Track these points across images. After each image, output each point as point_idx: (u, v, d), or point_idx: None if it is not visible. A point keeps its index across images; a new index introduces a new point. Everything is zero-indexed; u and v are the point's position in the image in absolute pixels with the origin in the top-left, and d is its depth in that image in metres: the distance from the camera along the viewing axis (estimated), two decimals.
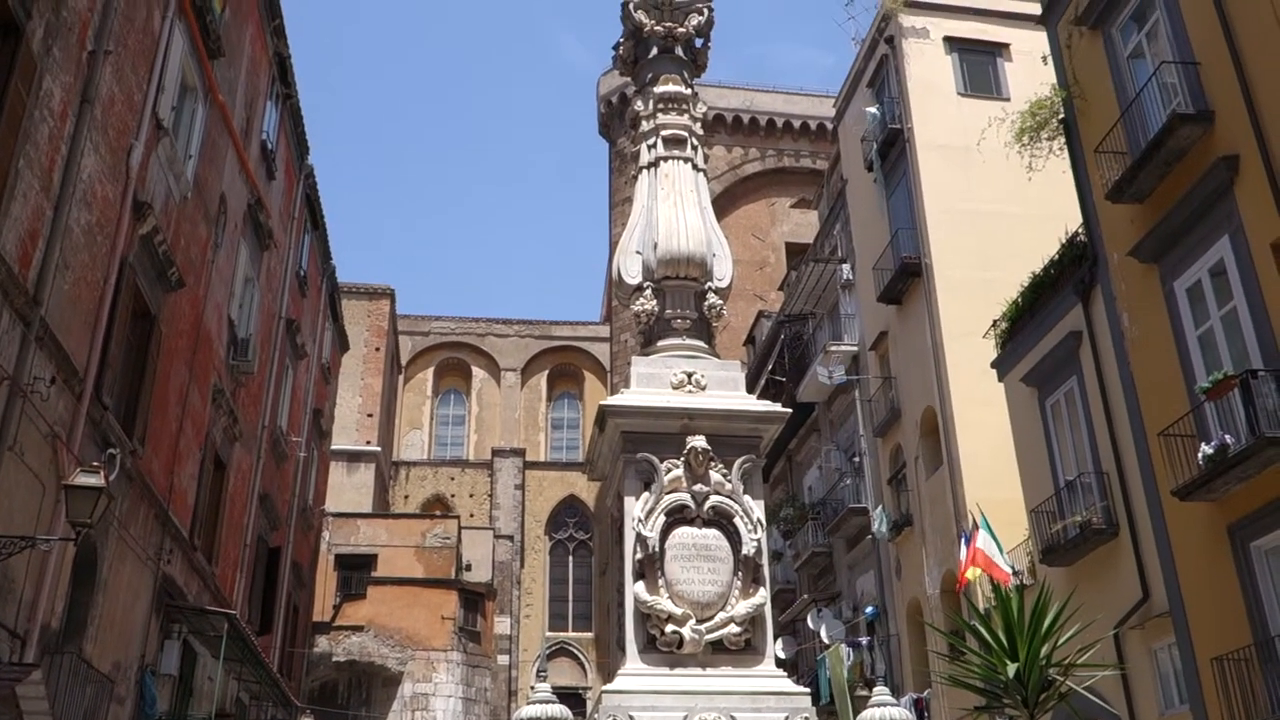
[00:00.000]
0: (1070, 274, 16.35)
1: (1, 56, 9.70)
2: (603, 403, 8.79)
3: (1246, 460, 11.54)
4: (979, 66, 24.26)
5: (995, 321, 18.48)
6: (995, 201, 21.78)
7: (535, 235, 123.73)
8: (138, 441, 13.62)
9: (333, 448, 34.34)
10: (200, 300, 16.65)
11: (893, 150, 24.04)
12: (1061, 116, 16.74)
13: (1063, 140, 16.77)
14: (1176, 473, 12.83)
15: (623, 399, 8.77)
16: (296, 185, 23.94)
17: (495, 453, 49.03)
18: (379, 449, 42.47)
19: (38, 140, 10.43)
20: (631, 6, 10.91)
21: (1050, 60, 17.51)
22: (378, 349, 43.93)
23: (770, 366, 31.65)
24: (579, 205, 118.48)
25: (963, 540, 17.06)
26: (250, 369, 19.55)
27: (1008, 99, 22.46)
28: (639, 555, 8.17)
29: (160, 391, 14.77)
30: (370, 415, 42.70)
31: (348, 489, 40.14)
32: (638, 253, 9.68)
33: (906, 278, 22.52)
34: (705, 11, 11.12)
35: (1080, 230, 16.39)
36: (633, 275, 9.59)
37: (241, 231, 19.02)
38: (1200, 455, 12.24)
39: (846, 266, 27.06)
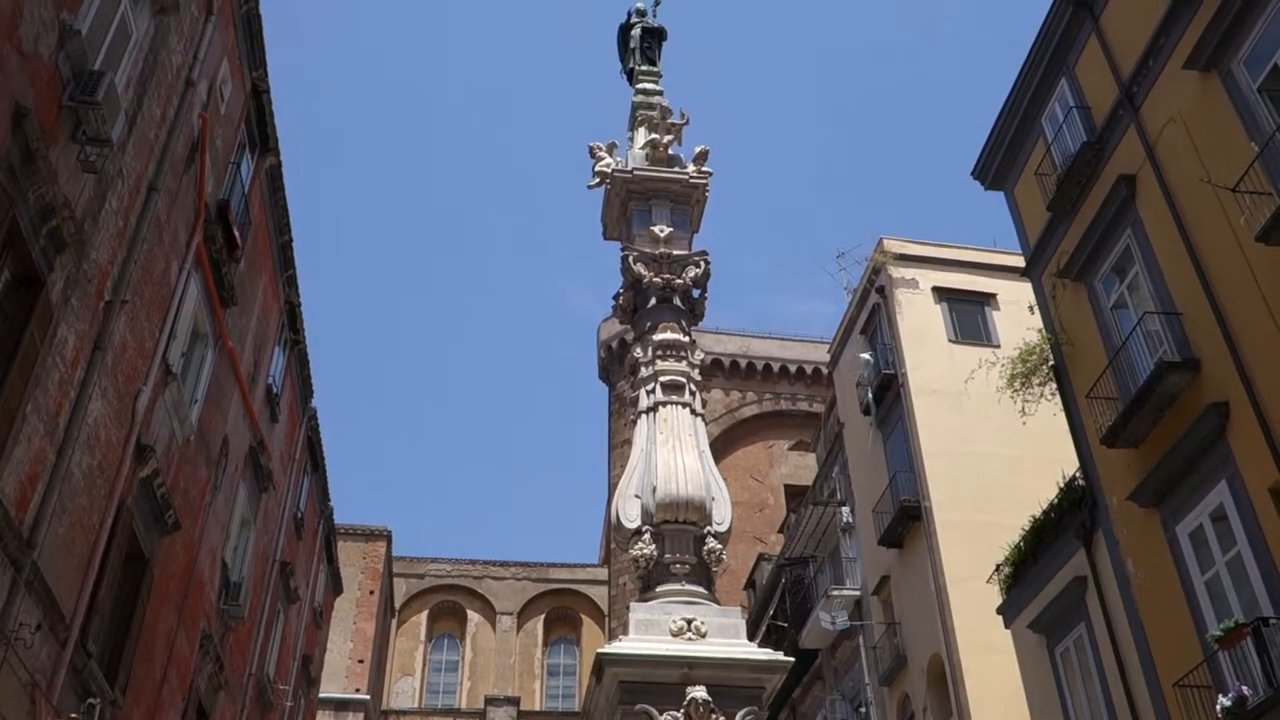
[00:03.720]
0: (1071, 518, 16.25)
1: (21, 306, 9.97)
2: (600, 651, 8.56)
3: (1266, 713, 11.11)
4: (968, 315, 25.00)
5: (998, 566, 18.22)
6: (991, 444, 21.95)
7: (534, 476, 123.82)
8: (119, 691, 13.14)
9: (320, 695, 33.07)
10: (195, 543, 16.48)
11: (888, 394, 24.41)
12: (1051, 363, 17.11)
13: (1054, 385, 17.08)
14: None
15: (620, 647, 8.54)
16: (299, 428, 24.16)
17: (489, 701, 47.17)
18: (368, 697, 40.89)
19: (47, 385, 10.59)
20: (631, 259, 11.36)
21: (1036, 309, 18.06)
22: (372, 592, 43.07)
23: (772, 611, 30.95)
24: (578, 447, 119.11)
25: None
26: (241, 614, 19.11)
27: (997, 345, 23.00)
28: None
29: (147, 638, 14.38)
30: (361, 661, 41.36)
31: None
32: (636, 496, 9.66)
33: (906, 521, 22.39)
34: (702, 264, 11.57)
35: (1078, 474, 16.42)
36: (631, 519, 9.54)
37: (241, 474, 19.04)
38: (1219, 707, 11.79)
39: (846, 509, 26.94)
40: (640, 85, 13.78)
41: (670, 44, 14.93)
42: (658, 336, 10.77)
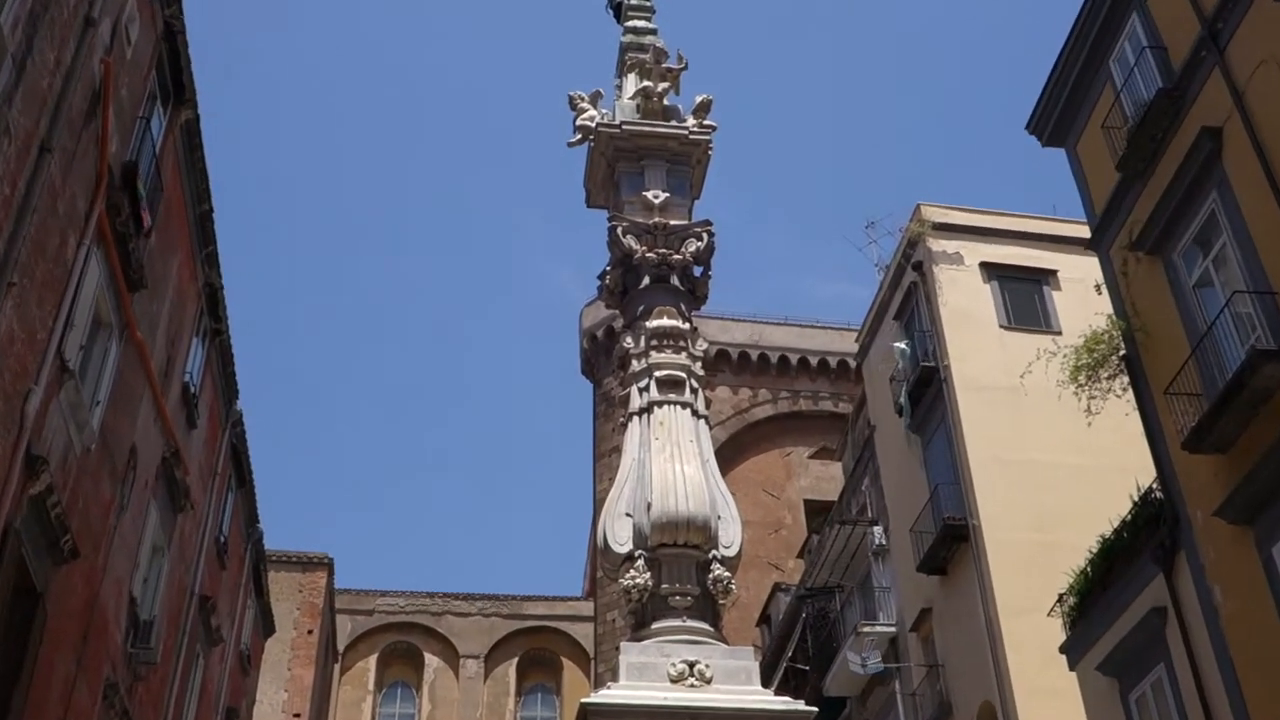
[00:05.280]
0: (1147, 537, 16.33)
1: None
2: (584, 700, 8.63)
3: None
4: (1023, 295, 25.07)
5: (1061, 596, 18.31)
6: (1051, 450, 22.03)
7: (504, 492, 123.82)
8: None
9: None
10: (97, 574, 16.47)
11: (927, 392, 24.48)
12: (1122, 353, 17.18)
13: (1125, 380, 17.15)
14: None
15: (609, 696, 8.59)
16: (221, 434, 24.15)
17: None
18: None
19: None
20: (620, 231, 11.42)
21: (1105, 289, 18.13)
22: (310, 631, 43.06)
23: (790, 652, 31.03)
24: (557, 457, 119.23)
25: None
26: (153, 659, 19.10)
27: (1058, 332, 23.06)
28: None
29: (40, 687, 14.38)
30: (297, 716, 41.36)
31: None
32: (628, 515, 9.72)
33: (951, 543, 22.46)
34: (705, 236, 11.63)
35: (1155, 485, 16.50)
36: (622, 542, 9.59)
37: (153, 490, 19.03)
38: None
39: (878, 529, 27.01)
40: (630, 23, 13.82)
41: None
42: (652, 323, 10.82)
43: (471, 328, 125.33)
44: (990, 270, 25.17)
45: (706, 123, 12.53)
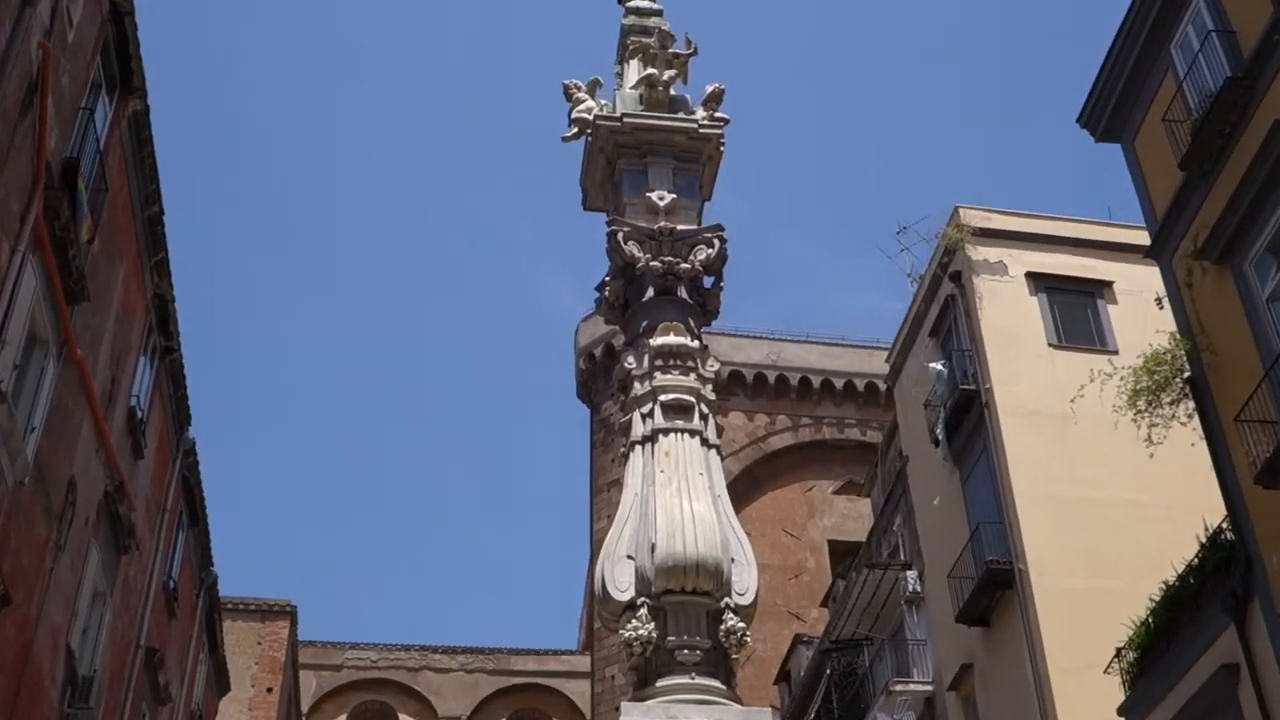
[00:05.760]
0: (1216, 584, 16.24)
1: None
2: None
3: None
4: (1075, 310, 25.04)
5: (1119, 650, 18.23)
6: (1106, 484, 21.97)
7: (490, 532, 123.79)
8: None
9: None
10: (30, 623, 16.38)
11: (967, 418, 24.43)
12: (1187, 375, 17.12)
13: (1190, 405, 17.08)
14: None
15: None
16: (172, 466, 24.10)
17: None
18: None
19: None
20: (621, 237, 11.38)
21: (1166, 303, 18.08)
22: (270, 689, 42.90)
23: (813, 713, 30.92)
24: (550, 491, 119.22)
25: None
26: (93, 718, 19.02)
27: (1114, 351, 23.03)
28: None
29: None
30: None
31: None
32: (629, 558, 9.67)
33: (994, 589, 22.39)
34: (716, 243, 11.59)
35: (1224, 524, 16.42)
36: (622, 589, 9.53)
37: (94, 529, 18.96)
38: None
39: (912, 574, 26.92)
40: (632, 3, 13.81)
41: None
42: (657, 341, 10.78)
43: (455, 345, 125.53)
44: (1037, 281, 25.13)
45: (718, 115, 12.51)
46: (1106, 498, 21.91)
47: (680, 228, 11.55)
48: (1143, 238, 20.08)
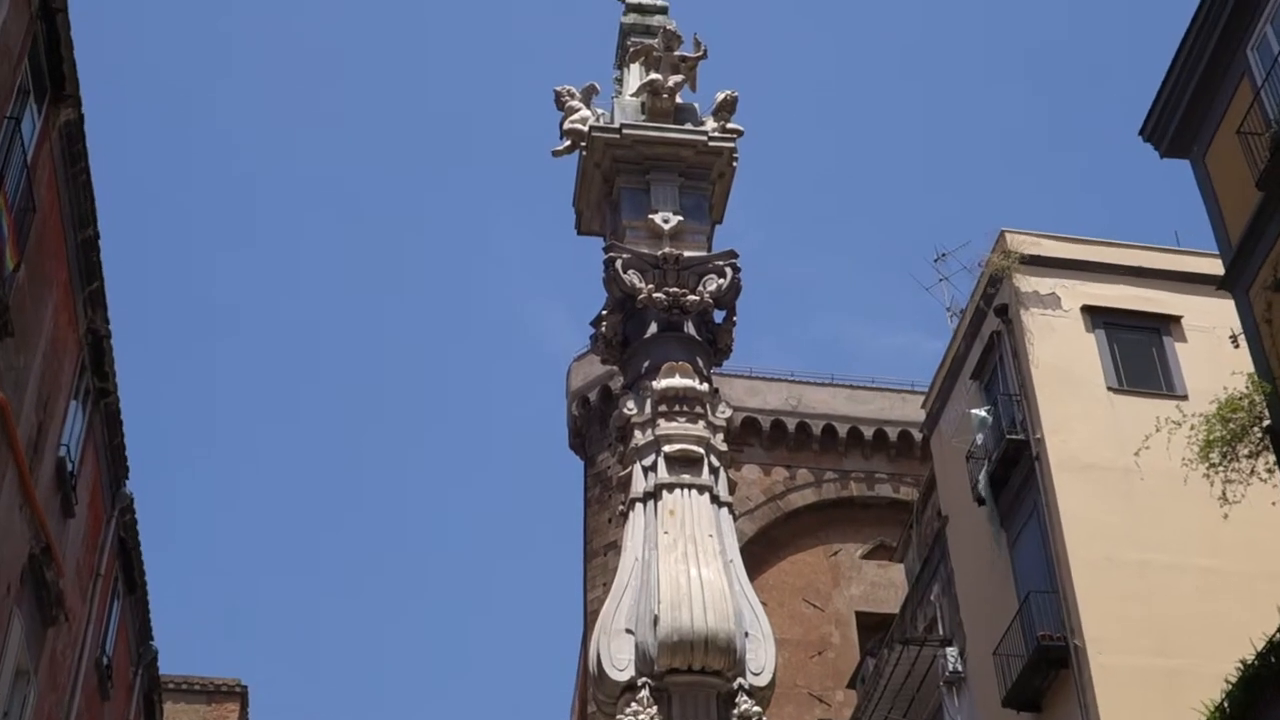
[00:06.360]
0: None
1: None
2: None
3: None
4: (1138, 348, 25.07)
5: None
6: (1175, 548, 21.96)
7: (469, 600, 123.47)
8: None
9: None
10: None
11: (1015, 472, 24.43)
12: (1267, 423, 17.14)
13: (1271, 458, 17.09)
14: None
15: None
16: (106, 525, 24.10)
17: None
18: None
19: None
20: (619, 264, 11.41)
21: (1242, 340, 18.11)
22: None
23: None
24: (537, 554, 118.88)
25: None
26: None
27: (1184, 396, 23.06)
28: None
29: None
30: None
31: None
32: (628, 631, 9.67)
33: (1047, 669, 22.38)
34: (728, 272, 11.62)
35: None
36: (620, 667, 9.52)
37: (16, 597, 18.96)
38: None
39: (952, 651, 26.87)
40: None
41: None
42: (661, 383, 10.79)
43: (430, 385, 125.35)
44: (1095, 316, 25.19)
45: (731, 126, 12.54)
46: (1175, 564, 21.89)
47: (687, 254, 11.57)
48: (1215, 266, 20.15)
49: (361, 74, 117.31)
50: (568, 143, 12.50)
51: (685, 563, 9.79)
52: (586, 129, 12.37)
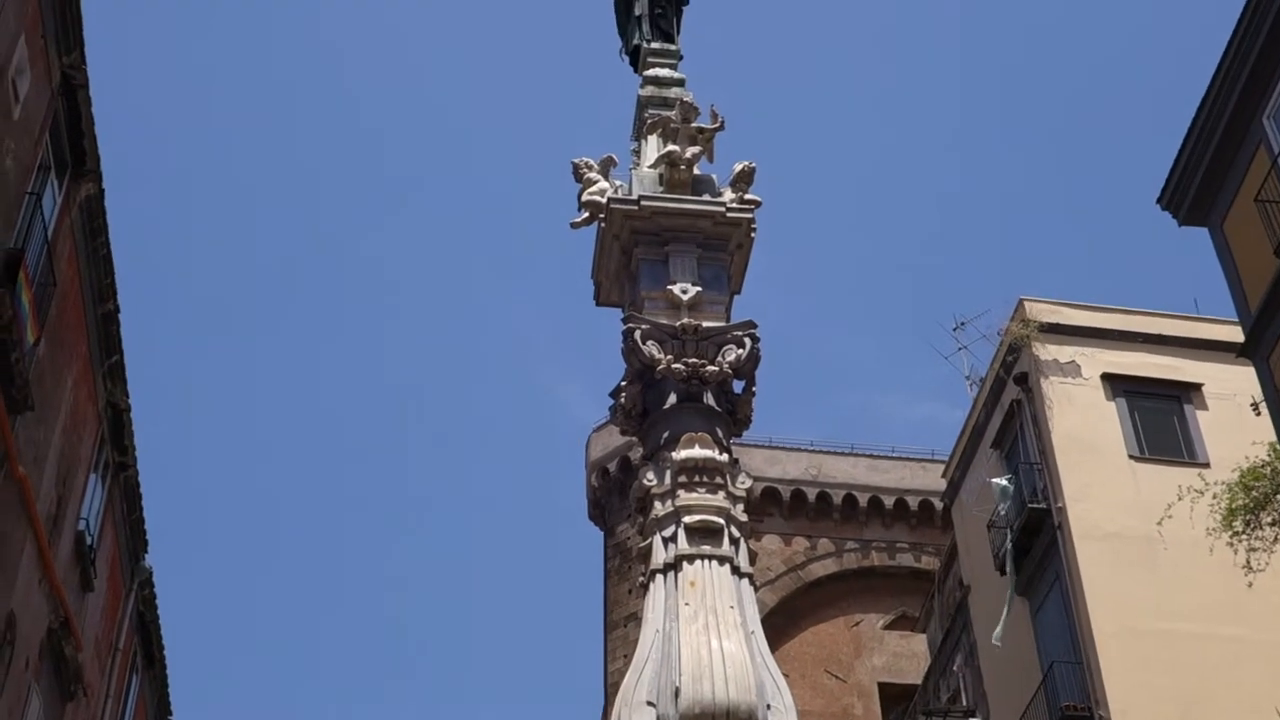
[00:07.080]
0: None
1: None
2: None
3: None
4: (1159, 417, 25.01)
5: None
6: (1198, 617, 21.84)
7: (488, 675, 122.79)
8: None
9: None
10: None
11: (1037, 542, 24.32)
12: None
13: None
14: None
15: None
16: (125, 599, 24.06)
17: None
18: None
19: None
20: (638, 335, 11.42)
21: (1264, 407, 18.06)
22: None
23: None
24: (556, 625, 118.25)
25: None
26: None
27: (1205, 464, 22.99)
28: None
29: None
30: None
31: None
32: (649, 704, 9.62)
33: None
34: (747, 342, 11.62)
35: None
36: None
37: (35, 671, 18.90)
38: None
39: None
40: (650, 72, 13.98)
41: (695, 8, 15.19)
42: (680, 454, 10.78)
43: (448, 456, 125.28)
44: (1116, 384, 25.14)
45: (749, 197, 12.57)
46: (1199, 633, 21.73)
47: (706, 325, 11.58)
48: (1235, 334, 20.11)
49: (383, 148, 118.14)
50: (586, 214, 12.55)
51: (706, 634, 9.75)
52: (605, 200, 12.41)
